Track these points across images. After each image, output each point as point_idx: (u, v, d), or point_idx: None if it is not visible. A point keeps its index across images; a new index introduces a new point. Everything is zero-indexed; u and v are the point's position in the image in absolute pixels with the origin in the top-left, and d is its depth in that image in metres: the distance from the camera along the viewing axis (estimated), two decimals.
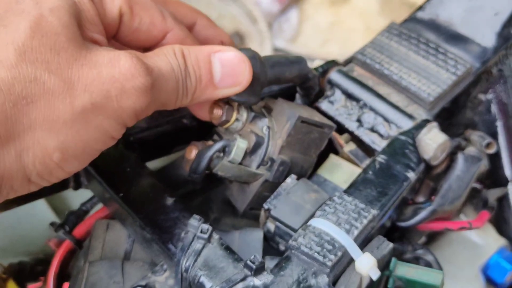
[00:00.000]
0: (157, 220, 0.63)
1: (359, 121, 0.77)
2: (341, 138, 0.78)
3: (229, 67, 0.58)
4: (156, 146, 0.76)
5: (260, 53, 0.63)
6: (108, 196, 0.67)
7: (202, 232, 0.59)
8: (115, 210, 0.68)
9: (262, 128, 0.67)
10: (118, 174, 0.68)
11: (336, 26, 2.47)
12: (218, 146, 0.65)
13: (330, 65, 0.83)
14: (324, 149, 0.73)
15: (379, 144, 0.75)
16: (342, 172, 0.75)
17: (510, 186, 0.86)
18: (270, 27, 2.38)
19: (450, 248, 0.86)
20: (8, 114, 0.45)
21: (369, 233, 0.63)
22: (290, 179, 0.67)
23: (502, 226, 0.89)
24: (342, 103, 0.79)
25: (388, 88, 0.80)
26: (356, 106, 0.78)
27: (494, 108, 0.87)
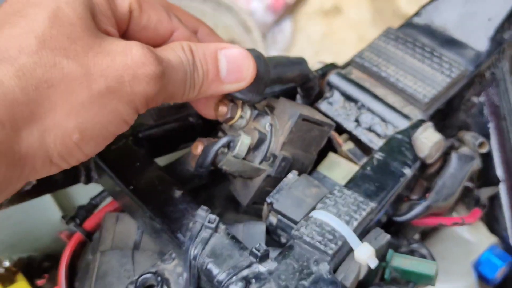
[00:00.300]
0: (166, 211, 0.64)
1: (357, 121, 0.79)
2: (340, 138, 0.78)
3: (234, 63, 0.60)
4: (163, 143, 0.77)
5: None
6: (118, 189, 0.68)
7: (209, 222, 0.60)
8: (125, 203, 0.69)
9: (265, 125, 0.68)
10: (128, 169, 0.69)
11: (329, 37, 2.46)
12: (223, 141, 0.66)
13: (329, 68, 0.84)
14: (323, 148, 0.74)
15: (376, 143, 0.76)
16: (340, 169, 0.75)
17: (501, 186, 0.87)
18: (264, 38, 2.36)
19: (443, 245, 0.87)
20: (31, 96, 0.47)
21: (367, 224, 0.64)
22: (292, 175, 0.68)
23: (493, 225, 0.90)
24: (341, 104, 0.80)
25: (385, 89, 0.81)
26: (354, 107, 0.80)
27: (486, 110, 0.88)
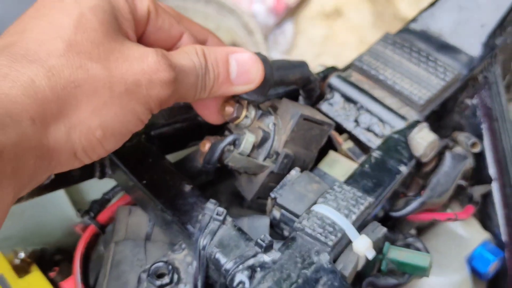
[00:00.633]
0: (176, 204, 0.66)
1: (356, 121, 0.80)
2: (339, 137, 0.80)
3: (244, 67, 0.63)
4: (173, 141, 0.79)
5: None
6: (132, 184, 0.71)
7: (217, 214, 0.62)
8: (138, 197, 0.72)
9: (268, 124, 0.70)
10: (141, 165, 0.71)
11: (330, 39, 2.45)
12: (229, 139, 0.68)
13: (330, 70, 0.86)
14: (324, 146, 0.76)
15: (375, 142, 0.78)
16: (340, 167, 0.77)
17: (494, 184, 0.89)
18: (266, 40, 2.36)
19: (438, 240, 0.87)
20: (59, 95, 0.50)
21: (365, 218, 0.67)
22: (295, 171, 0.70)
23: (486, 222, 0.91)
24: (341, 105, 0.82)
25: (383, 92, 0.83)
26: (353, 108, 0.81)
27: (479, 112, 0.89)
